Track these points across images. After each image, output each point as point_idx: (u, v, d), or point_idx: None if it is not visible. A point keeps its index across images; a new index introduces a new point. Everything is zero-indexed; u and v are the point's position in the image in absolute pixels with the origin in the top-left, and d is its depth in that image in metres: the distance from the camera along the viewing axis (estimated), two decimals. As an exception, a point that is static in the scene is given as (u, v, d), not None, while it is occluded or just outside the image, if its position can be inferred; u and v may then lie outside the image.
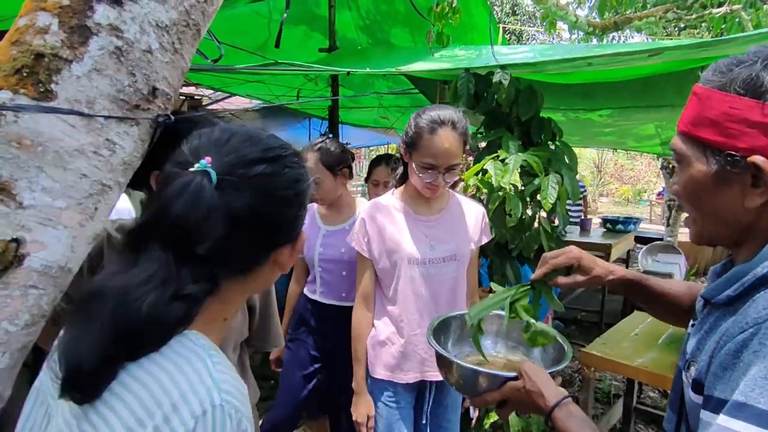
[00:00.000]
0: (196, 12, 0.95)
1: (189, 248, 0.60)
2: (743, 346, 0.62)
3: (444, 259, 1.57)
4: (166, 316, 0.58)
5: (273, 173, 0.66)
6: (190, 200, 0.59)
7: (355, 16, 4.33)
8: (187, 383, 0.56)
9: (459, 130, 1.49)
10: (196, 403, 0.55)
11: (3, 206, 0.75)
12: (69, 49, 0.79)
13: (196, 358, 0.59)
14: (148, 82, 0.88)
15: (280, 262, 0.70)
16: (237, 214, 0.61)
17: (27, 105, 0.77)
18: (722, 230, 0.76)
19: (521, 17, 13.06)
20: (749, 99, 0.67)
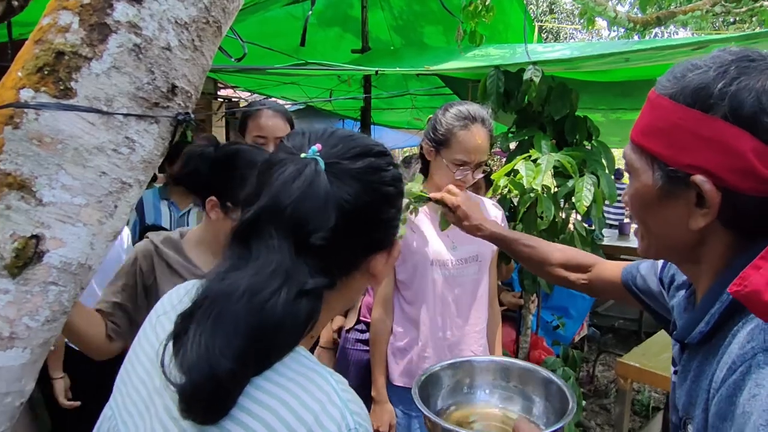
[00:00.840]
0: (217, 9, 0.95)
1: (306, 238, 0.56)
2: (736, 389, 0.55)
3: (466, 261, 1.53)
4: (297, 315, 0.55)
5: (378, 168, 0.63)
6: (306, 186, 0.57)
7: (388, 17, 4.32)
8: (319, 406, 0.52)
9: (488, 126, 1.47)
10: (334, 428, 0.51)
11: (23, 203, 0.76)
12: (89, 47, 0.79)
13: (320, 378, 0.55)
14: (167, 80, 0.88)
15: (374, 272, 0.66)
16: (346, 204, 0.58)
17: (47, 103, 0.77)
18: (668, 249, 0.71)
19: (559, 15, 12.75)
20: (697, 111, 0.60)
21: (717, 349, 0.61)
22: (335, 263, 0.60)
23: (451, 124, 1.46)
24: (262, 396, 0.53)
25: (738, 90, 0.58)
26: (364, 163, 0.62)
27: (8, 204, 0.75)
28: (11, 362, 0.77)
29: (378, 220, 0.64)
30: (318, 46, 4.37)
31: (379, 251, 0.66)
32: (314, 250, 0.57)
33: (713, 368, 0.61)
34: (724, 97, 0.58)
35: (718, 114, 0.59)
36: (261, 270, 0.55)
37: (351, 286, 0.66)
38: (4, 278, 0.75)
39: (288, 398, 0.53)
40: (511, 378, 1.21)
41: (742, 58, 0.60)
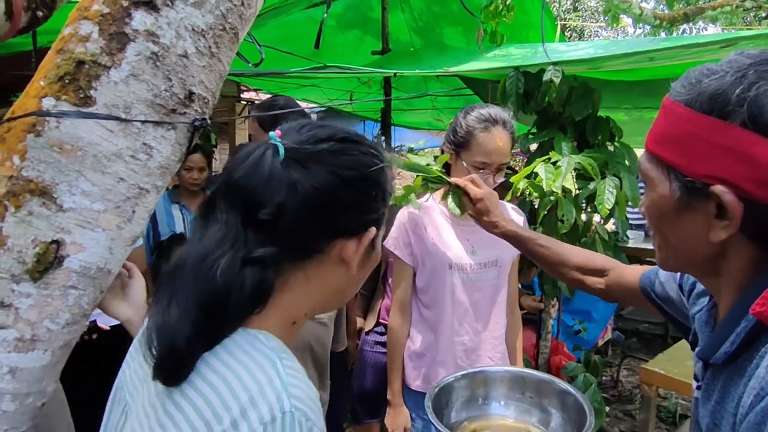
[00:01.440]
0: (233, 16, 0.95)
1: (253, 212, 0.60)
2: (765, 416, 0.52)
3: (485, 265, 1.51)
4: (241, 283, 0.58)
5: (339, 151, 0.65)
6: (251, 165, 0.61)
7: (408, 18, 4.31)
8: (257, 387, 0.54)
9: (509, 128, 1.46)
10: (266, 408, 0.53)
11: (44, 209, 0.78)
12: (108, 56, 0.81)
13: (267, 361, 0.57)
14: (184, 87, 0.89)
15: (345, 258, 0.66)
16: (298, 183, 0.61)
17: (68, 111, 0.79)
18: (687, 261, 0.68)
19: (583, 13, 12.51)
20: (714, 118, 0.58)
21: (743, 371, 0.59)
22: (290, 242, 0.62)
23: (472, 126, 1.45)
24: (208, 372, 0.56)
25: (757, 95, 0.55)
26: (323, 146, 0.64)
27: (30, 210, 0.77)
28: (33, 363, 0.79)
29: (337, 204, 0.64)
30: (338, 49, 4.39)
31: (346, 237, 0.66)
32: (263, 225, 0.60)
33: (740, 391, 0.58)
34: (743, 103, 0.56)
35: (737, 121, 0.56)
36: (210, 239, 0.60)
37: (322, 274, 0.66)
38: (25, 282, 0.77)
39: (229, 376, 0.55)
40: (527, 389, 1.19)
41: (761, 61, 0.57)
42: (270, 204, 0.60)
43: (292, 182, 0.61)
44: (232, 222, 0.60)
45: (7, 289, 0.76)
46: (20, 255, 0.76)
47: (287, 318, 0.65)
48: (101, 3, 0.83)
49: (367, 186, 0.67)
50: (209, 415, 0.53)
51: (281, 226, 0.60)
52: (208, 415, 0.53)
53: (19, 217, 0.76)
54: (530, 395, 1.19)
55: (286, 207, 0.60)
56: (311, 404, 0.57)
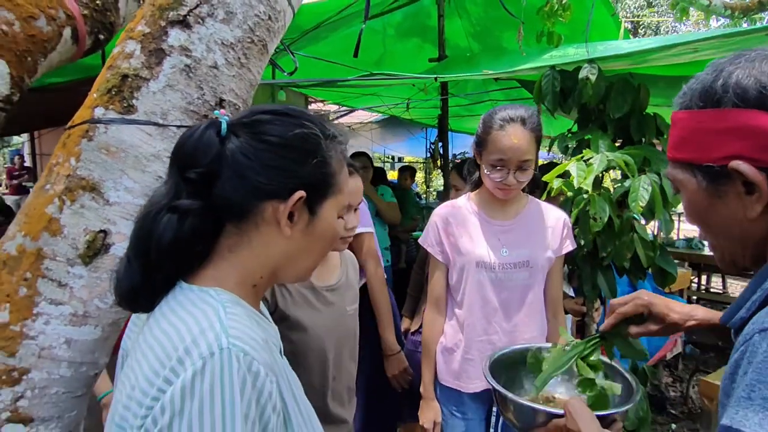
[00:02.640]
0: (261, 29, 1.05)
1: (183, 172, 0.69)
2: (736, 367, 0.57)
3: (516, 265, 1.49)
4: (167, 227, 0.67)
5: (269, 121, 0.73)
6: (192, 133, 0.71)
7: (466, 24, 4.31)
8: (198, 329, 0.62)
9: (529, 126, 1.44)
10: (205, 346, 0.60)
11: (94, 203, 0.90)
12: (147, 70, 0.93)
13: (210, 309, 0.65)
14: (215, 94, 0.99)
15: (276, 219, 0.72)
16: (230, 150, 0.70)
17: (114, 118, 0.91)
18: (737, 248, 0.72)
19: (658, 9, 11.75)
20: (709, 110, 0.67)
21: None
22: (223, 201, 0.70)
23: (489, 126, 1.46)
24: (163, 321, 0.66)
25: (737, 80, 0.64)
26: (256, 117, 0.73)
27: (82, 203, 0.90)
28: (85, 336, 0.92)
29: (261, 166, 0.70)
30: (397, 57, 4.48)
31: (274, 199, 0.72)
32: (194, 183, 0.69)
33: None
34: (728, 89, 0.64)
35: (728, 105, 0.65)
36: (156, 193, 0.72)
37: (263, 237, 0.73)
38: (78, 265, 0.89)
39: (178, 323, 0.64)
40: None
41: (733, 57, 0.67)
42: (198, 165, 0.68)
43: (223, 148, 0.69)
44: (171, 180, 0.71)
45: (64, 271, 0.89)
46: (74, 242, 0.89)
47: (243, 279, 0.73)
48: (143, 24, 0.95)
49: (290, 151, 0.72)
50: (162, 355, 0.62)
51: (214, 187, 0.69)
52: (161, 355, 0.62)
53: (73, 210, 0.89)
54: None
55: (214, 169, 0.68)
56: (252, 343, 0.63)
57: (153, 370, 0.61)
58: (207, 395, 0.57)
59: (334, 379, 1.37)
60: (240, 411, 0.58)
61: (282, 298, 1.28)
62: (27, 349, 0.86)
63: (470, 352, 1.54)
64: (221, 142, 0.70)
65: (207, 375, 0.58)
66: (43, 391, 0.88)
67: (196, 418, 0.57)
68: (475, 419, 1.58)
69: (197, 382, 0.58)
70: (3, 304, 0.86)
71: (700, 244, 4.40)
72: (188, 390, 0.58)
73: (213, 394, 0.57)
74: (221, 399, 0.57)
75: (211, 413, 0.57)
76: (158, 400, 0.59)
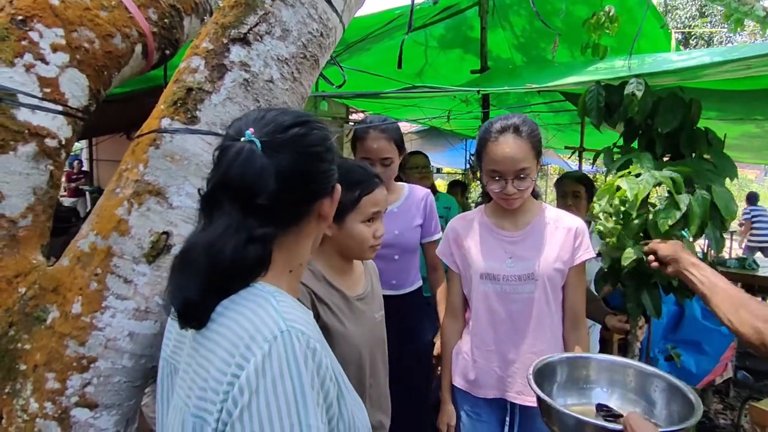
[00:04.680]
0: (313, 45, 1.11)
1: (250, 201, 0.73)
2: None
3: (520, 278, 1.48)
4: (246, 256, 0.72)
5: (305, 134, 0.78)
6: (244, 162, 0.73)
7: (509, 36, 4.31)
8: (258, 319, 0.69)
9: (523, 134, 1.43)
10: (267, 331, 0.67)
11: (158, 206, 0.97)
12: (210, 83, 1.00)
13: (263, 300, 0.72)
14: (269, 107, 1.05)
15: (323, 214, 0.81)
16: (283, 169, 0.74)
17: (179, 128, 0.99)
18: None
19: (712, 19, 11.28)
20: None
21: None
22: (283, 215, 0.76)
23: (483, 138, 1.48)
24: (222, 319, 0.72)
25: None
26: (292, 132, 0.77)
27: (148, 207, 0.97)
28: (146, 330, 0.99)
29: (313, 174, 0.78)
30: (440, 69, 4.51)
31: (322, 197, 0.81)
32: (260, 209, 0.73)
33: None
34: None
35: None
36: (217, 229, 0.73)
37: (307, 231, 0.81)
38: (142, 264, 0.97)
39: (237, 317, 0.71)
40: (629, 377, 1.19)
41: None
42: (265, 191, 0.72)
43: (277, 170, 0.73)
44: (234, 213, 0.73)
45: (129, 269, 0.96)
46: (140, 242, 0.96)
47: (284, 270, 0.80)
48: (207, 41, 1.02)
49: (329, 154, 0.81)
50: (229, 347, 0.68)
51: (276, 207, 0.74)
52: (228, 347, 0.68)
53: (140, 212, 0.97)
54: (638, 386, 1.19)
55: (276, 191, 0.73)
56: (306, 324, 0.71)
57: (223, 361, 0.68)
58: (277, 373, 0.65)
59: (371, 386, 1.40)
60: (307, 382, 0.66)
61: (322, 310, 1.31)
62: (95, 339, 0.93)
63: (478, 361, 1.55)
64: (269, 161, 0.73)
65: (274, 356, 0.65)
66: (107, 380, 0.95)
67: (271, 393, 0.64)
68: (491, 422, 1.57)
69: (267, 363, 0.65)
70: (76, 296, 0.93)
71: (754, 264, 4.19)
72: (260, 370, 0.65)
73: (282, 371, 0.65)
74: (289, 374, 0.65)
75: (284, 387, 0.65)
76: (233, 385, 0.66)
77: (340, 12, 1.16)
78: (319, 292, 1.31)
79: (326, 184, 0.81)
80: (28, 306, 0.95)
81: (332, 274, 1.36)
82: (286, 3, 1.05)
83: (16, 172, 0.97)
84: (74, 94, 1.04)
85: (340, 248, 1.36)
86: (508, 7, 4.02)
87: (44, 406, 0.91)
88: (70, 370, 0.92)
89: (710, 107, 3.23)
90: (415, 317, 2.01)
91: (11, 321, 0.93)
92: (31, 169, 0.99)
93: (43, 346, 0.93)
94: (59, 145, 1.03)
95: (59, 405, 0.91)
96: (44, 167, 1.01)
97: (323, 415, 0.68)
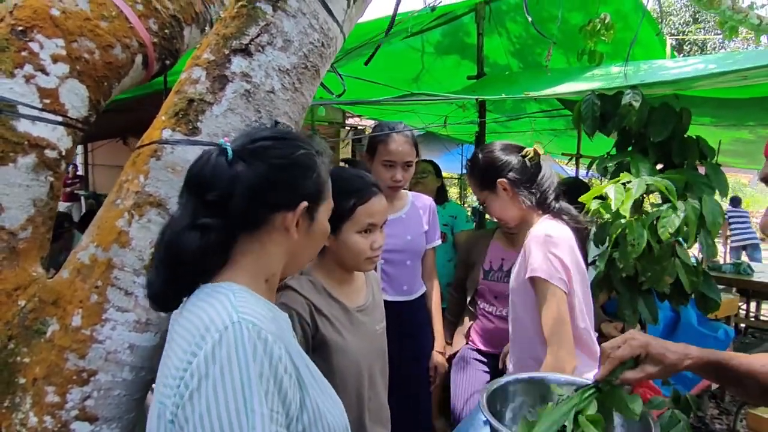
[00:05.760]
0: (314, 55, 1.11)
1: (202, 196, 0.79)
2: None
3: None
4: (183, 242, 0.78)
5: (272, 146, 0.84)
6: (205, 162, 0.81)
7: (506, 42, 4.33)
8: (214, 311, 0.75)
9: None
10: (219, 322, 0.72)
11: (159, 217, 0.97)
12: (211, 94, 1.00)
13: (223, 296, 0.77)
14: (271, 117, 1.05)
15: (285, 226, 0.84)
16: (240, 173, 0.80)
17: (180, 139, 0.98)
18: None
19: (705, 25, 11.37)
20: None
21: None
22: (236, 216, 0.80)
23: None
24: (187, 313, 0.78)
25: None
26: (260, 143, 0.83)
27: (149, 218, 0.97)
28: (146, 342, 0.98)
29: (272, 184, 0.82)
30: (437, 75, 4.52)
31: (282, 210, 0.84)
32: (211, 205, 0.79)
33: None
34: None
35: None
36: (175, 216, 0.82)
37: (273, 240, 0.85)
38: (143, 275, 0.96)
39: (197, 311, 0.76)
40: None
41: None
42: (215, 189, 0.79)
43: (235, 173, 0.79)
44: (190, 204, 0.81)
45: (130, 281, 0.95)
46: (140, 253, 0.96)
47: (256, 275, 0.84)
48: (209, 52, 1.02)
49: (292, 169, 0.84)
50: (188, 338, 0.74)
51: (229, 205, 0.79)
52: (187, 338, 0.74)
53: (141, 224, 0.96)
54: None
55: (229, 191, 0.79)
56: (259, 317, 0.75)
57: (182, 350, 0.73)
58: (225, 359, 0.69)
59: (369, 399, 1.38)
60: (254, 371, 0.69)
61: (321, 322, 1.30)
62: (95, 352, 0.93)
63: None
64: (231, 166, 0.80)
65: (224, 344, 0.70)
66: (107, 393, 0.94)
67: (218, 377, 0.69)
68: None
69: (216, 350, 0.70)
70: (76, 309, 0.93)
71: (749, 269, 4.22)
72: (210, 357, 0.70)
73: (230, 357, 0.69)
74: (237, 362, 0.69)
75: (230, 373, 0.69)
76: (186, 371, 0.71)
77: (341, 22, 1.16)
78: (318, 304, 1.30)
79: (288, 197, 0.84)
80: (28, 319, 0.94)
81: (332, 285, 1.35)
82: (287, 13, 1.05)
83: (16, 183, 0.97)
84: (74, 105, 1.04)
85: (338, 259, 1.35)
86: (505, 13, 4.04)
87: (44, 420, 0.90)
88: (70, 383, 0.91)
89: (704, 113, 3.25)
90: (423, 322, 2.03)
91: (11, 334, 0.93)
92: (31, 180, 0.98)
93: (43, 360, 0.92)
94: (59, 156, 1.03)
95: (59, 419, 0.90)
96: (44, 178, 1.01)
97: (275, 403, 0.71)
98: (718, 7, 2.67)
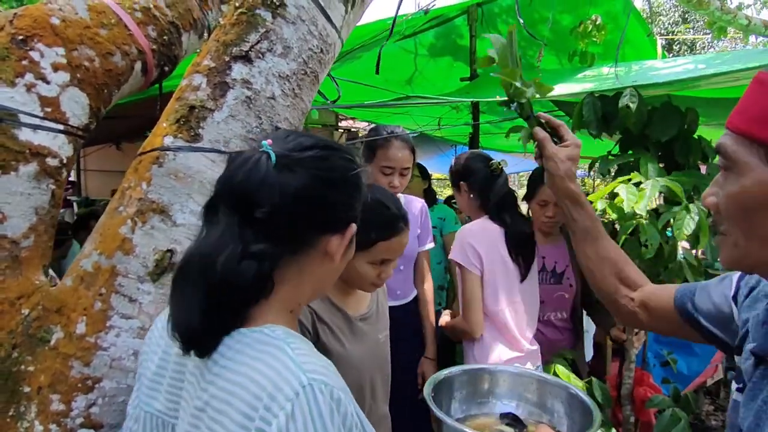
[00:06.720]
0: (313, 61, 1.12)
1: (249, 212, 0.68)
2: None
3: None
4: (239, 273, 0.66)
5: (323, 157, 0.73)
6: (248, 171, 0.69)
7: (498, 44, 4.35)
8: (275, 374, 0.63)
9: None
10: (288, 388, 0.61)
11: (162, 224, 0.97)
12: (212, 101, 1.00)
13: (277, 350, 0.65)
14: (271, 123, 1.06)
15: (329, 252, 0.74)
16: (289, 188, 0.69)
17: (182, 146, 0.99)
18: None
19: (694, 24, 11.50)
20: None
21: None
22: (283, 237, 0.69)
23: None
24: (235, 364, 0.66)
25: None
26: (309, 153, 0.72)
27: (152, 225, 0.97)
28: (150, 349, 0.98)
29: (323, 202, 0.72)
30: (430, 77, 4.54)
31: (330, 232, 0.74)
32: (259, 223, 0.68)
33: None
34: None
35: None
36: (212, 238, 0.68)
37: (312, 266, 0.74)
38: (147, 282, 0.96)
39: (251, 373, 0.64)
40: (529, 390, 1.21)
41: None
42: (265, 204, 0.67)
43: (284, 185, 0.68)
44: (232, 222, 0.68)
45: (134, 288, 0.96)
46: (144, 260, 0.96)
47: (285, 308, 0.73)
48: (209, 59, 1.03)
49: (348, 187, 0.75)
50: (246, 407, 0.62)
51: (275, 224, 0.68)
52: (244, 407, 0.62)
53: (144, 231, 0.97)
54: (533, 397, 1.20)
55: (279, 206, 0.68)
56: (326, 372, 0.65)
57: (240, 424, 0.62)
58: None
59: (370, 409, 1.36)
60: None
61: (322, 331, 1.28)
62: (100, 359, 0.93)
63: None
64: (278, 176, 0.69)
65: (298, 416, 0.60)
66: (112, 400, 0.94)
67: None
68: None
69: (290, 424, 0.59)
70: (81, 316, 0.93)
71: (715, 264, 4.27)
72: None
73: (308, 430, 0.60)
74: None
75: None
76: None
77: (339, 28, 1.17)
78: (320, 312, 1.29)
79: (337, 219, 0.74)
80: (32, 327, 0.94)
81: (335, 293, 1.34)
82: (287, 20, 1.05)
83: (18, 192, 0.97)
84: (75, 113, 1.04)
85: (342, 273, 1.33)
86: (497, 15, 4.07)
87: (49, 428, 0.90)
88: (75, 391, 0.91)
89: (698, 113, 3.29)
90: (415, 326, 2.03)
91: (15, 343, 0.93)
92: (32, 188, 0.99)
93: (48, 368, 0.92)
94: (60, 164, 1.03)
95: (64, 427, 0.90)
96: (46, 187, 1.01)
97: None
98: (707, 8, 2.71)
